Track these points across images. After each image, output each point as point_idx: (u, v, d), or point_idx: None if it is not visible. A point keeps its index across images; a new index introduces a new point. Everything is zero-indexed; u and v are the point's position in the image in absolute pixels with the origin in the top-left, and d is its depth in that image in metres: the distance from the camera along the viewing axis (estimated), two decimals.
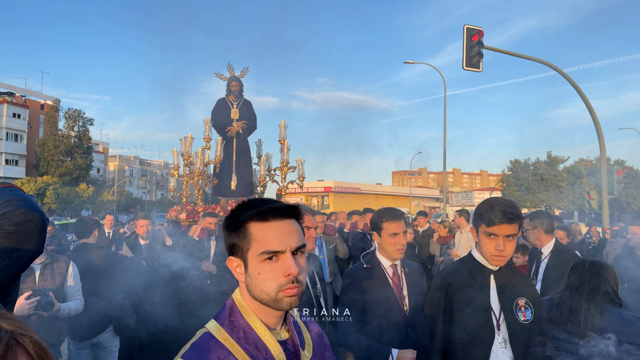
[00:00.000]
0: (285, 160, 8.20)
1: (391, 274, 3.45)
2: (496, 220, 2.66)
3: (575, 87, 15.78)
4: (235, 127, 8.67)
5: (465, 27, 15.62)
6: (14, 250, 1.66)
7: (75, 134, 58.19)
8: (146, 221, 6.09)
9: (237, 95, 8.87)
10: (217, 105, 8.85)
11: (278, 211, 1.49)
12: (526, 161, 55.42)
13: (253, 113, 9.02)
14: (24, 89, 65.09)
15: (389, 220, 3.41)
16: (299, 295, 1.47)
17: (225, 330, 1.48)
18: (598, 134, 15.97)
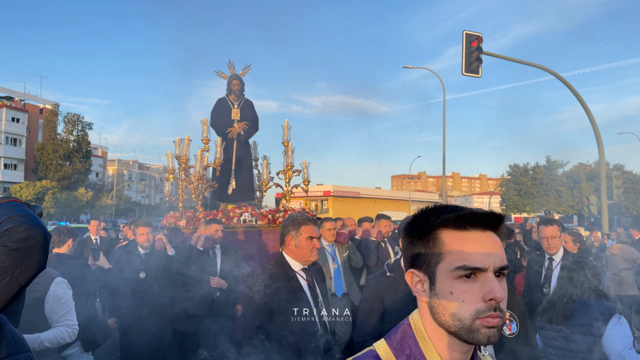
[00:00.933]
0: (289, 163, 7.63)
1: None
2: None
3: (574, 91, 15.78)
4: (236, 129, 8.12)
5: (465, 32, 15.60)
6: (16, 267, 1.66)
7: (74, 138, 57.69)
8: (147, 229, 5.55)
9: (238, 94, 8.32)
10: (216, 105, 8.30)
11: (480, 219, 1.19)
12: (525, 165, 55.11)
13: (255, 114, 8.48)
14: (23, 93, 64.65)
15: None
16: (498, 329, 1.16)
17: (393, 354, 1.24)
18: (597, 138, 15.88)
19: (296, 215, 3.54)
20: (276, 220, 7.21)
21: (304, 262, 3.42)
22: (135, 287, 5.30)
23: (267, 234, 7.21)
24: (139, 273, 5.37)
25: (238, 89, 8.26)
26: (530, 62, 17.08)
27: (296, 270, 3.39)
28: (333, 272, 6.32)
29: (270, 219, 7.21)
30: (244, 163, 8.23)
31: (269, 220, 7.20)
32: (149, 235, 5.52)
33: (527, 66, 17.30)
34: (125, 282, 5.37)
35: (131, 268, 5.38)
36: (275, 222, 7.21)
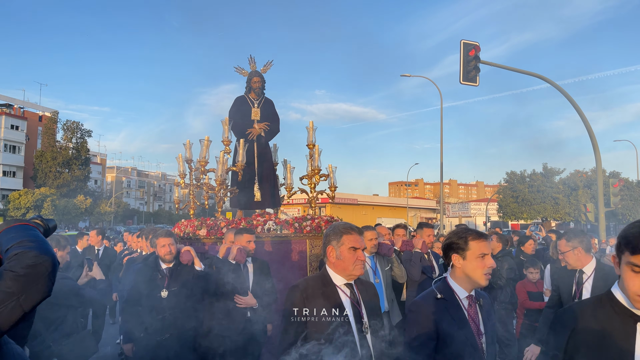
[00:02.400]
0: (316, 166, 6.89)
1: (467, 306, 2.82)
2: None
3: (570, 99, 15.71)
4: (257, 130, 7.39)
5: (462, 42, 15.52)
6: (22, 293, 1.63)
7: (73, 146, 57.00)
8: (168, 239, 4.79)
9: (259, 92, 7.58)
10: (235, 104, 7.55)
11: None
12: (522, 173, 54.62)
13: (276, 114, 7.75)
14: (23, 100, 63.88)
15: (475, 239, 2.83)
16: None
17: None
18: (593, 146, 15.76)
19: (338, 224, 3.06)
20: (303, 229, 6.47)
21: (348, 277, 2.95)
22: (156, 308, 4.56)
23: (296, 244, 6.48)
24: (161, 291, 4.62)
25: (259, 87, 7.52)
26: (526, 71, 17.12)
27: (338, 285, 2.93)
28: None
29: (297, 227, 6.47)
30: (266, 167, 7.51)
31: (296, 229, 6.46)
32: (171, 246, 4.76)
33: (524, 74, 17.30)
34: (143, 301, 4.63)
35: (151, 286, 4.64)
36: (302, 231, 6.47)
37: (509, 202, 53.90)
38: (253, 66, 7.60)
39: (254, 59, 7.57)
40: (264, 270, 5.24)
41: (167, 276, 4.74)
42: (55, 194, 50.38)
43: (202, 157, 6.46)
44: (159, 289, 4.63)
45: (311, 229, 6.51)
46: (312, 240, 6.57)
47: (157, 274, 4.72)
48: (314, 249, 6.57)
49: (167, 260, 4.80)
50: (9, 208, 48.32)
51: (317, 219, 6.65)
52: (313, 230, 6.52)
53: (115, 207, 62.72)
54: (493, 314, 3.00)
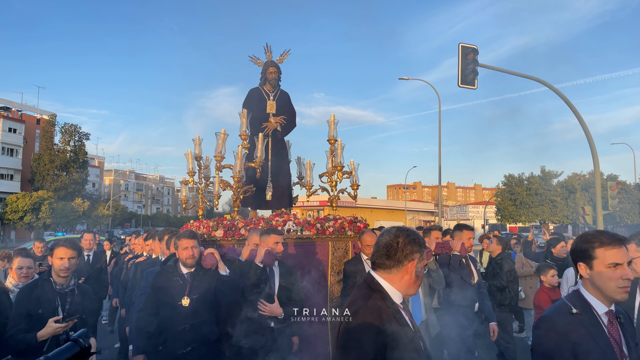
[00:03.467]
0: (339, 163, 6.32)
1: (607, 323, 2.45)
2: None
3: (568, 102, 15.49)
4: (273, 124, 6.82)
5: (460, 45, 15.46)
6: None
7: (71, 149, 56.41)
8: (192, 241, 4.22)
9: (275, 84, 7.01)
10: (250, 96, 6.95)
11: None
12: (520, 176, 54.36)
13: (292, 107, 7.19)
14: (20, 103, 63.24)
15: (606, 245, 2.45)
16: None
17: None
18: (591, 149, 15.64)
19: (413, 231, 2.47)
20: (326, 230, 5.92)
21: (405, 295, 2.43)
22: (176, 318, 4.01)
23: (318, 247, 5.92)
24: (181, 299, 4.07)
25: (274, 78, 6.96)
26: (524, 74, 16.93)
27: (398, 304, 2.37)
28: None
29: (319, 228, 5.91)
30: (282, 164, 6.95)
31: (318, 230, 5.90)
32: (194, 249, 4.20)
33: (522, 77, 17.12)
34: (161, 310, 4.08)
35: (170, 292, 4.08)
36: (324, 232, 5.92)
37: (507, 205, 53.65)
38: (269, 55, 7.03)
39: (269, 48, 7.00)
40: (291, 276, 4.69)
41: (188, 282, 4.18)
42: (52, 197, 49.76)
43: (218, 151, 5.88)
44: (179, 297, 4.08)
45: (334, 230, 5.96)
46: (334, 243, 6.02)
47: (177, 280, 4.16)
48: (337, 252, 6.02)
49: (189, 265, 4.23)
50: (6, 211, 47.64)
51: (340, 220, 6.10)
52: (336, 232, 5.97)
53: (113, 210, 62.01)
54: (634, 332, 2.53)
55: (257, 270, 4.33)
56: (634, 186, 50.45)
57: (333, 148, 6.44)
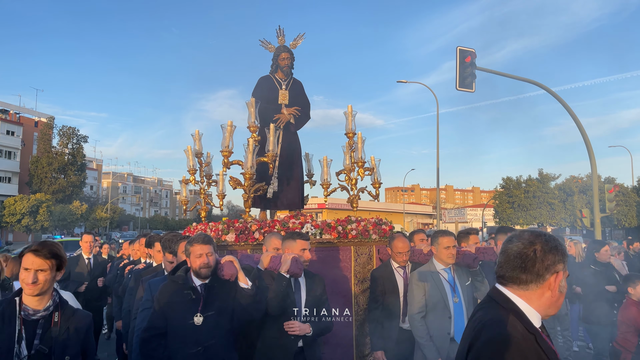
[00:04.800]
0: (360, 158, 5.62)
1: None
2: None
3: (565, 105, 15.38)
4: (286, 115, 6.14)
5: (458, 48, 15.33)
6: None
7: (69, 151, 55.68)
8: (207, 247, 3.50)
9: (287, 72, 6.33)
10: (259, 85, 6.33)
11: None
12: (518, 178, 53.81)
13: (306, 97, 6.49)
14: (19, 106, 62.40)
15: None
16: None
17: None
18: (589, 152, 15.58)
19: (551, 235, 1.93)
20: (348, 234, 5.21)
21: (545, 316, 1.89)
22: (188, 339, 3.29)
23: (339, 252, 5.22)
24: (194, 316, 3.35)
25: (287, 65, 6.25)
26: (522, 77, 16.98)
27: (540, 330, 1.84)
28: (453, 308, 4.31)
29: (341, 231, 5.20)
30: (294, 159, 6.25)
31: (339, 233, 5.19)
32: (209, 257, 3.49)
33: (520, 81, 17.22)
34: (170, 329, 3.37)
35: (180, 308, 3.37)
36: (346, 236, 5.21)
37: (505, 207, 53.10)
38: (281, 40, 6.30)
39: (282, 32, 6.26)
40: (319, 288, 3.98)
41: (202, 296, 3.47)
42: (50, 199, 48.97)
43: (225, 145, 5.16)
44: (191, 314, 3.36)
45: (357, 233, 5.26)
46: (357, 247, 5.32)
47: (189, 294, 3.44)
48: (360, 257, 5.31)
49: (203, 275, 3.51)
50: (4, 214, 46.76)
51: (363, 222, 5.40)
52: (359, 235, 5.27)
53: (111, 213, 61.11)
54: None
55: (283, 282, 3.63)
56: (632, 189, 49.90)
57: (352, 142, 5.75)
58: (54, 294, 2.81)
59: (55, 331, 2.70)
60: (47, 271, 2.70)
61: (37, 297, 2.70)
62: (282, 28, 6.22)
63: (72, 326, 2.77)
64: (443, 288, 4.32)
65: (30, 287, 2.66)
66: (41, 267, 2.68)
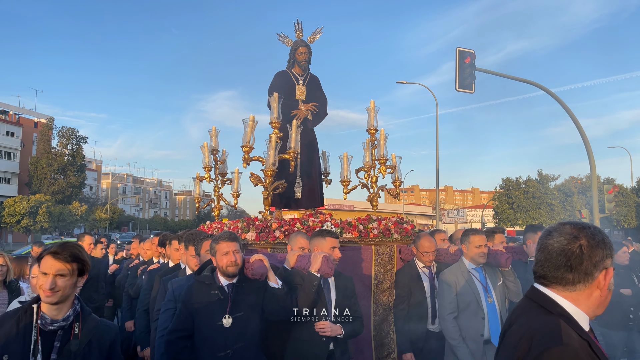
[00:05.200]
0: (382, 155, 5.46)
1: None
2: None
3: (564, 106, 15.40)
4: (303, 112, 5.96)
5: (458, 49, 15.34)
6: None
7: (68, 152, 55.43)
8: (233, 244, 3.31)
9: (305, 67, 6.15)
10: (276, 80, 6.15)
11: None
12: (517, 179, 53.70)
13: (323, 93, 6.32)
14: (18, 107, 62.10)
15: None
16: None
17: None
18: (588, 152, 15.62)
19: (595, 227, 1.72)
20: (369, 233, 5.05)
21: (592, 317, 1.72)
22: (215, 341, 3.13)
23: (359, 251, 5.06)
24: (222, 318, 3.19)
25: (305, 60, 6.08)
26: (521, 78, 17.02)
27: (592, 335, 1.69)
28: (487, 309, 4.14)
29: (362, 230, 5.04)
30: (313, 157, 6.09)
31: (360, 232, 5.03)
32: (236, 254, 3.32)
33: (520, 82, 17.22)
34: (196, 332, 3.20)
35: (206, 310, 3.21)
36: (367, 235, 5.05)
37: (505, 208, 52.96)
38: (299, 34, 6.12)
39: (300, 25, 6.08)
40: (349, 289, 3.83)
41: (229, 296, 3.29)
42: (50, 200, 48.66)
43: (246, 141, 5.01)
44: (218, 315, 3.20)
45: (378, 232, 5.10)
46: (378, 247, 5.16)
47: (216, 294, 3.27)
48: (381, 257, 5.16)
49: (230, 274, 3.33)
50: (3, 215, 46.43)
51: (384, 220, 5.24)
52: (380, 234, 5.11)
53: (110, 213, 60.86)
54: None
55: (314, 282, 3.47)
56: (631, 190, 49.86)
57: (374, 139, 5.59)
58: (75, 302, 2.52)
59: (75, 344, 2.40)
60: (67, 276, 2.40)
61: (56, 305, 2.42)
62: (300, 22, 6.06)
63: (94, 339, 2.48)
64: (475, 288, 4.16)
65: (48, 294, 2.37)
66: (61, 272, 2.38)
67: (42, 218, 46.39)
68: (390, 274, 5.17)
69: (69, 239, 33.55)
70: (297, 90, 6.01)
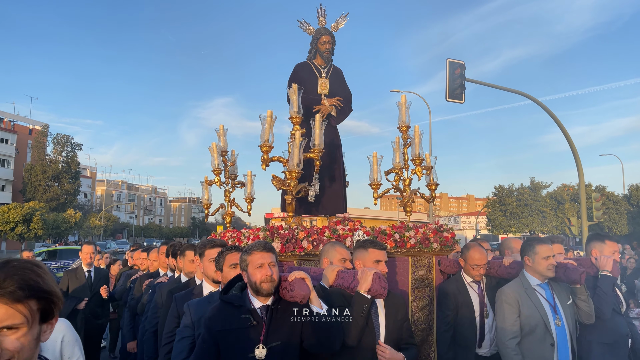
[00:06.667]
0: (417, 155, 4.79)
1: None
2: None
3: (552, 116, 15.43)
4: (327, 107, 5.28)
5: (448, 60, 15.37)
6: None
7: (63, 159, 54.50)
8: (268, 255, 2.58)
9: (327, 58, 5.47)
10: (296, 72, 5.49)
11: None
12: (510, 187, 53.38)
13: (347, 88, 5.65)
14: (13, 114, 61.10)
15: None
16: None
17: None
18: (576, 160, 15.74)
19: None
20: (406, 242, 4.37)
21: None
22: None
23: (395, 263, 4.37)
24: (254, 348, 2.50)
25: (328, 50, 5.40)
26: (509, 88, 17.07)
27: None
28: (556, 333, 3.45)
29: (398, 239, 4.36)
30: (336, 158, 5.42)
31: (396, 241, 4.35)
32: (272, 268, 2.63)
33: None
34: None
35: (238, 338, 2.51)
36: (404, 245, 4.37)
37: (498, 215, 52.67)
38: (322, 21, 5.42)
39: (324, 11, 5.39)
40: (401, 310, 3.15)
41: (264, 321, 2.60)
42: (44, 207, 47.59)
43: (264, 139, 4.31)
44: (250, 345, 2.50)
45: (416, 241, 4.42)
46: (415, 258, 4.48)
47: (247, 318, 2.59)
48: (418, 270, 4.47)
49: (265, 292, 2.63)
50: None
51: (422, 229, 4.56)
52: (418, 244, 4.43)
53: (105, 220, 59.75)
54: None
55: (365, 306, 2.79)
56: (623, 197, 49.59)
57: (406, 137, 4.92)
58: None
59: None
60: (21, 329, 1.23)
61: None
62: (324, 7, 5.37)
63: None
64: (542, 308, 3.47)
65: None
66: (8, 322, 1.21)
67: (36, 225, 45.29)
68: (429, 288, 4.48)
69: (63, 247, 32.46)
70: (319, 84, 5.33)
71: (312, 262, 4.11)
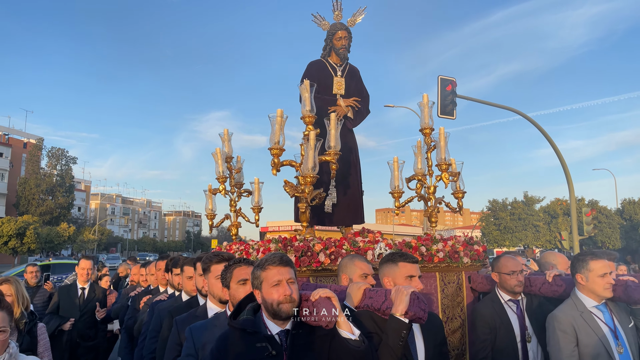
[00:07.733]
0: (443, 160, 4.27)
1: None
2: None
3: (542, 131, 15.59)
4: (343, 108, 4.79)
5: (440, 77, 15.38)
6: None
7: (57, 173, 53.77)
8: (286, 271, 2.09)
9: (343, 56, 5.00)
10: (309, 71, 5.00)
11: None
12: (504, 201, 53.10)
13: (364, 88, 5.20)
14: (7, 127, 60.27)
15: None
16: None
17: None
18: (566, 175, 15.79)
19: None
20: (433, 257, 3.85)
21: None
22: None
23: (426, 280, 3.83)
24: None
25: (344, 46, 4.92)
26: (500, 105, 17.24)
27: None
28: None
29: (424, 253, 3.84)
30: (353, 163, 4.90)
31: (422, 255, 3.83)
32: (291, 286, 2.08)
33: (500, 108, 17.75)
34: None
35: None
36: (431, 260, 3.85)
37: (492, 229, 52.30)
38: (337, 15, 4.94)
39: (340, 5, 4.91)
40: (439, 334, 2.63)
41: (283, 350, 2.08)
42: (38, 221, 46.69)
43: (274, 142, 3.79)
44: None
45: (444, 255, 3.89)
46: (443, 274, 3.95)
47: (264, 347, 2.07)
48: (447, 287, 3.95)
49: (284, 315, 2.12)
50: None
51: (450, 241, 4.04)
52: (447, 258, 3.90)
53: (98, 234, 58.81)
54: None
55: (403, 332, 2.26)
56: (615, 211, 49.37)
57: (429, 140, 4.41)
58: None
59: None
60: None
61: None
62: (340, 1, 4.87)
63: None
64: (602, 334, 2.94)
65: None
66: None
67: (30, 239, 44.42)
68: (460, 308, 3.96)
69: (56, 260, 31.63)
70: (334, 83, 4.83)
71: (329, 279, 3.59)
